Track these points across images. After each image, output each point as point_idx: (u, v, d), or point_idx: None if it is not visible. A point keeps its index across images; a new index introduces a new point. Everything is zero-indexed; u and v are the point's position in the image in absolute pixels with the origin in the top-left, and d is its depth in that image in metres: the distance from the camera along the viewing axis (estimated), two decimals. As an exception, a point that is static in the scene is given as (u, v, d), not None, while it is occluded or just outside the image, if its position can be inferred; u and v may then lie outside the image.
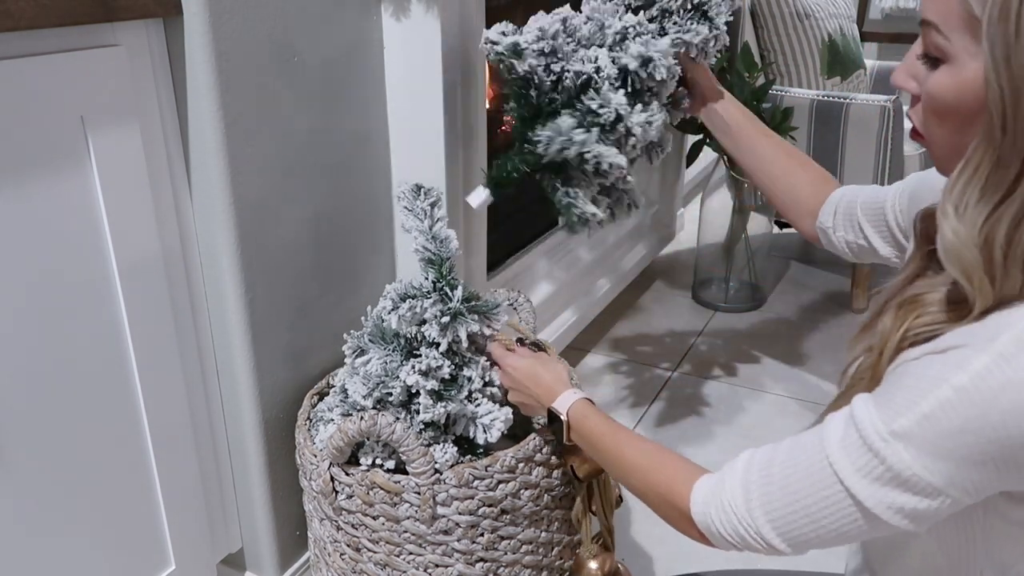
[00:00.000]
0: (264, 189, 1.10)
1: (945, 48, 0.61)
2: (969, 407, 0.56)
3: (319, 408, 1.13)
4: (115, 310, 1.00)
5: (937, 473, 0.59)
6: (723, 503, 0.72)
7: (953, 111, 0.62)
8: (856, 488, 0.62)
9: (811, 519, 0.66)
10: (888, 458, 0.60)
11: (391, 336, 1.03)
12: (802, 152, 1.12)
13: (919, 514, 0.61)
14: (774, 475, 0.68)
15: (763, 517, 0.69)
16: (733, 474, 0.73)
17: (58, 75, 0.88)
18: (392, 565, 1.05)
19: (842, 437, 0.64)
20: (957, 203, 0.60)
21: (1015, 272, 0.59)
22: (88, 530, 1.03)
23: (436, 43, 1.21)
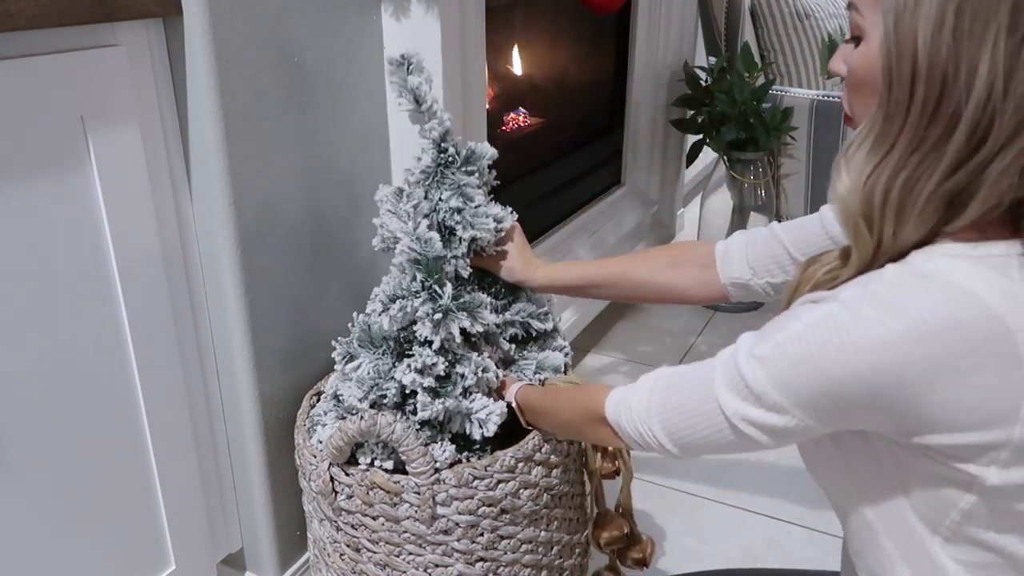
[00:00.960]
0: (264, 189, 1.10)
1: (861, 25, 0.69)
2: (809, 341, 0.65)
3: (315, 412, 1.12)
4: (115, 310, 1.00)
5: (783, 393, 0.67)
6: (629, 403, 0.82)
7: (865, 82, 0.69)
8: (723, 400, 0.71)
9: (690, 424, 0.75)
10: (746, 375, 0.69)
11: (380, 340, 1.03)
12: (636, 252, 1.17)
13: (768, 428, 0.69)
14: (673, 385, 0.78)
15: (657, 418, 0.78)
16: (644, 380, 0.82)
17: (58, 75, 0.88)
18: (392, 565, 1.05)
19: (724, 359, 0.74)
20: (848, 158, 0.68)
21: (889, 220, 0.65)
22: (88, 530, 1.03)
23: (436, 43, 1.21)
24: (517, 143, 1.89)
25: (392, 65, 1.06)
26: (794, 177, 2.33)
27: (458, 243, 1.05)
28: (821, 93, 2.23)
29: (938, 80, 0.61)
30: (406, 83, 1.05)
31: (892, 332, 0.61)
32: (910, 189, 0.64)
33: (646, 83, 2.33)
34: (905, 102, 0.63)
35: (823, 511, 1.52)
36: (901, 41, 0.62)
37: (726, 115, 2.14)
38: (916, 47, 0.61)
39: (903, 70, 0.63)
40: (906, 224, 0.65)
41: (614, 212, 2.32)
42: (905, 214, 0.65)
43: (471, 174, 1.07)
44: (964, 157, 0.62)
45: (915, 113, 0.63)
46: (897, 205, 0.65)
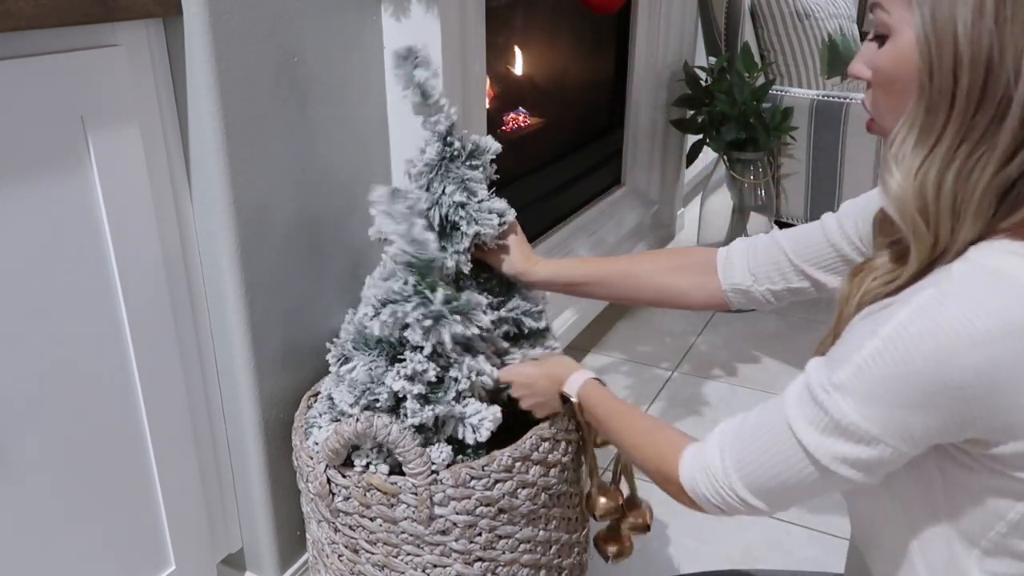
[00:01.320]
0: (264, 189, 1.10)
1: (888, 22, 0.67)
2: (894, 354, 0.62)
3: (310, 414, 1.12)
4: (115, 310, 1.00)
5: (873, 420, 0.63)
6: (704, 467, 0.78)
7: (894, 80, 0.68)
8: (806, 439, 0.68)
9: (774, 473, 0.71)
10: (830, 408, 0.65)
11: (374, 342, 1.02)
12: (637, 252, 1.15)
13: (862, 463, 0.66)
14: (744, 436, 0.75)
15: (736, 475, 0.74)
16: (711, 440, 0.78)
17: (58, 75, 0.88)
18: (390, 566, 1.05)
19: (797, 394, 0.70)
20: (896, 155, 0.66)
21: (946, 214, 0.64)
22: (88, 530, 1.03)
23: (436, 43, 1.21)
24: (517, 143, 1.89)
25: (398, 58, 1.02)
26: (794, 177, 2.33)
27: (461, 238, 1.04)
28: (821, 93, 2.23)
29: (982, 66, 0.61)
30: (413, 77, 1.02)
31: (980, 332, 0.59)
32: (965, 180, 0.63)
33: (646, 83, 2.33)
34: (949, 91, 0.62)
35: (823, 511, 1.52)
36: (940, 30, 0.62)
37: (726, 115, 2.14)
38: (956, 35, 0.61)
39: (944, 59, 0.62)
40: (964, 218, 0.64)
41: (614, 212, 2.32)
42: (962, 207, 0.64)
43: (475, 168, 1.05)
44: (1019, 143, 0.62)
45: (960, 102, 0.62)
46: (952, 198, 0.64)
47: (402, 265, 0.99)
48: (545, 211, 2.00)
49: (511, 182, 1.78)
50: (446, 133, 1.04)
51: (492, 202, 1.07)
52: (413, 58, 1.02)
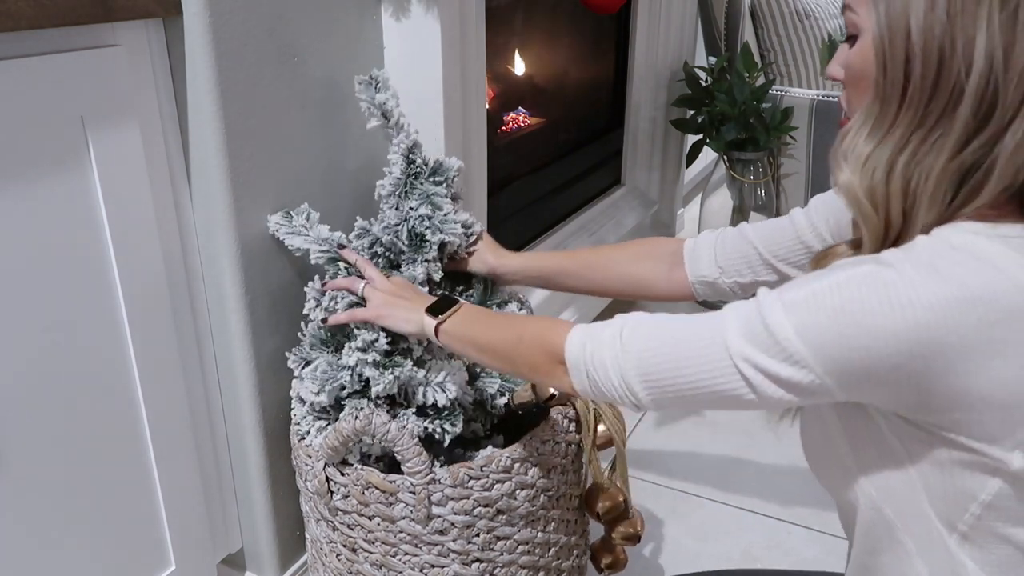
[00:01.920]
0: (264, 189, 1.10)
1: (856, 22, 0.70)
2: (852, 291, 0.62)
3: (294, 422, 1.13)
4: (115, 310, 1.00)
5: (809, 344, 0.63)
6: (599, 338, 0.76)
7: (862, 76, 0.69)
8: (733, 343, 0.67)
9: (678, 368, 0.70)
10: (770, 320, 0.65)
11: (329, 339, 1.06)
12: (608, 244, 1.16)
13: (780, 380, 0.65)
14: (662, 324, 0.74)
15: (634, 355, 0.73)
16: (622, 318, 0.77)
17: (58, 75, 0.89)
18: (388, 565, 1.05)
19: (738, 305, 0.70)
20: (846, 148, 0.68)
21: (897, 198, 0.65)
22: (88, 530, 1.03)
23: (436, 43, 1.21)
24: (517, 143, 1.89)
25: (360, 84, 1.10)
26: (794, 177, 2.33)
27: (428, 248, 1.08)
28: (821, 93, 2.23)
29: (934, 56, 0.62)
30: (374, 100, 1.09)
31: (935, 295, 0.60)
32: (917, 164, 0.65)
33: (646, 83, 2.33)
34: (900, 82, 0.64)
35: (823, 511, 1.52)
36: (893, 24, 0.64)
37: (726, 115, 2.14)
38: (908, 27, 0.63)
39: (896, 51, 0.64)
40: (919, 202, 0.65)
41: (614, 212, 2.32)
42: (915, 190, 0.65)
43: (439, 184, 1.11)
44: (972, 132, 0.63)
45: (914, 92, 0.64)
46: (903, 181, 0.65)
47: (327, 263, 1.07)
48: (545, 211, 2.00)
49: (511, 182, 1.78)
50: (408, 151, 1.10)
51: (457, 215, 1.11)
52: (375, 83, 1.10)
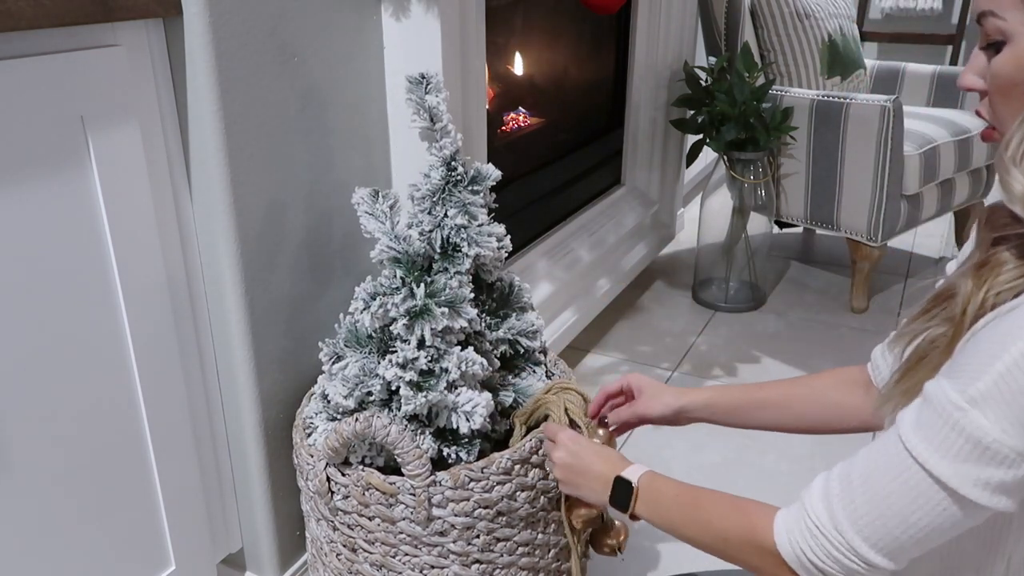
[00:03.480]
0: (264, 189, 1.10)
1: (1004, 28, 0.65)
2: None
3: (306, 414, 1.13)
4: (115, 310, 1.00)
5: (1019, 436, 0.57)
6: (807, 526, 0.68)
7: (1015, 84, 0.66)
8: (939, 470, 0.60)
9: (901, 519, 0.63)
10: (966, 427, 0.58)
11: (365, 339, 1.04)
12: (785, 379, 1.05)
13: (1007, 487, 0.59)
14: (854, 482, 0.66)
15: (851, 529, 0.65)
16: (811, 494, 0.69)
17: (58, 75, 0.88)
18: (388, 566, 1.05)
19: (916, 420, 0.62)
20: (1014, 155, 0.63)
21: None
22: (88, 530, 1.03)
23: (436, 43, 1.21)
24: (517, 143, 1.89)
25: (411, 83, 1.06)
26: (794, 177, 2.33)
27: (462, 259, 1.05)
28: (821, 93, 2.23)
29: None
30: (424, 101, 1.05)
31: None
32: None
33: (646, 83, 2.33)
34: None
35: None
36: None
37: (726, 115, 2.14)
38: None
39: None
40: None
41: (614, 212, 2.32)
42: None
43: (476, 193, 1.08)
44: None
45: None
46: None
47: (388, 261, 1.02)
48: (545, 211, 2.00)
49: (511, 182, 1.78)
50: (450, 158, 1.07)
51: (492, 227, 1.09)
52: (426, 83, 1.06)
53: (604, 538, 1.11)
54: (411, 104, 1.06)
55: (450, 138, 1.06)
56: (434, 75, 1.06)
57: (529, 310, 1.17)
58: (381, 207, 1.05)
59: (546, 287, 1.89)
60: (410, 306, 0.99)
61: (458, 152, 1.08)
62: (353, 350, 1.05)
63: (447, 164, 1.07)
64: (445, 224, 1.06)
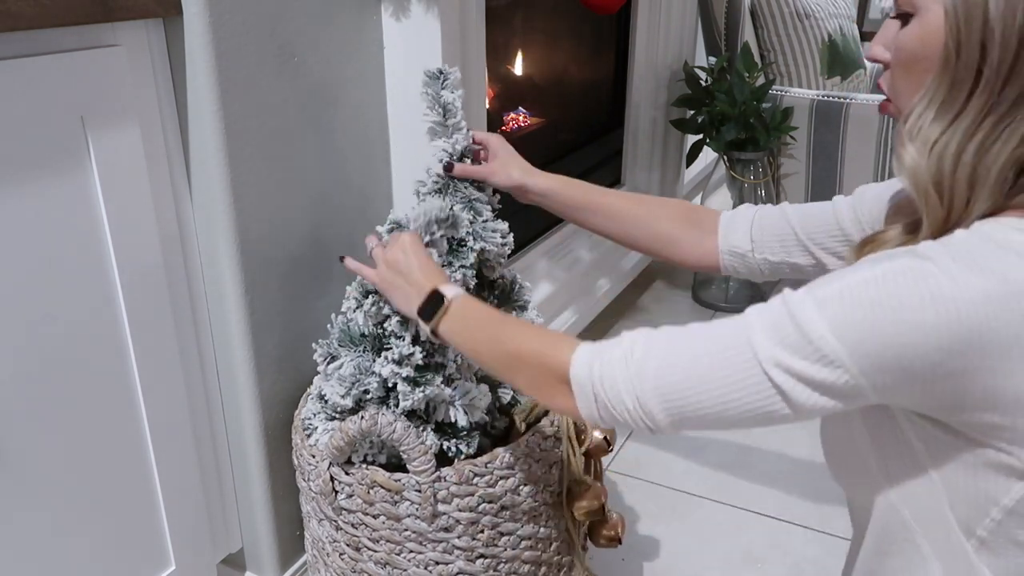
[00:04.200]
0: (264, 189, 1.10)
1: (915, 1, 0.67)
2: (891, 286, 0.60)
3: (304, 415, 1.13)
4: (115, 310, 1.00)
5: (844, 340, 0.61)
6: (613, 355, 0.70)
7: (918, 58, 0.67)
8: (761, 346, 0.64)
9: (701, 377, 0.66)
10: (800, 317, 0.62)
11: (359, 338, 1.05)
12: (645, 195, 1.11)
13: (814, 383, 0.63)
14: (678, 337, 0.69)
15: (653, 371, 0.68)
16: (633, 334, 0.72)
17: (58, 75, 0.89)
18: (393, 563, 1.05)
19: (765, 306, 0.66)
20: (912, 128, 0.66)
21: (962, 186, 0.64)
22: (88, 530, 1.03)
23: (436, 43, 1.21)
24: (517, 143, 1.88)
25: (428, 77, 1.06)
26: (794, 177, 2.33)
27: (467, 253, 1.05)
28: (821, 93, 2.23)
29: (1014, 41, 0.61)
30: (439, 97, 1.06)
31: (977, 290, 0.58)
32: (984, 152, 0.63)
33: (646, 83, 2.33)
34: (975, 66, 0.63)
35: (823, 511, 1.52)
36: (971, 5, 0.62)
37: (726, 115, 2.15)
38: (987, 9, 0.61)
39: (972, 34, 0.62)
40: (979, 191, 0.64)
41: (614, 212, 2.31)
42: (979, 181, 0.64)
43: (482, 190, 1.10)
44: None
45: (989, 76, 0.62)
46: (970, 171, 0.64)
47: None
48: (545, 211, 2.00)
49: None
50: (460, 154, 1.07)
51: (496, 223, 1.09)
52: (443, 79, 1.06)
53: (602, 530, 1.11)
54: (425, 98, 1.07)
55: (462, 134, 1.07)
56: (452, 71, 1.06)
57: (528, 308, 1.17)
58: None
59: (546, 287, 1.89)
60: None
61: (468, 148, 1.08)
62: (347, 349, 1.05)
63: (457, 159, 1.08)
64: None
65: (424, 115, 1.07)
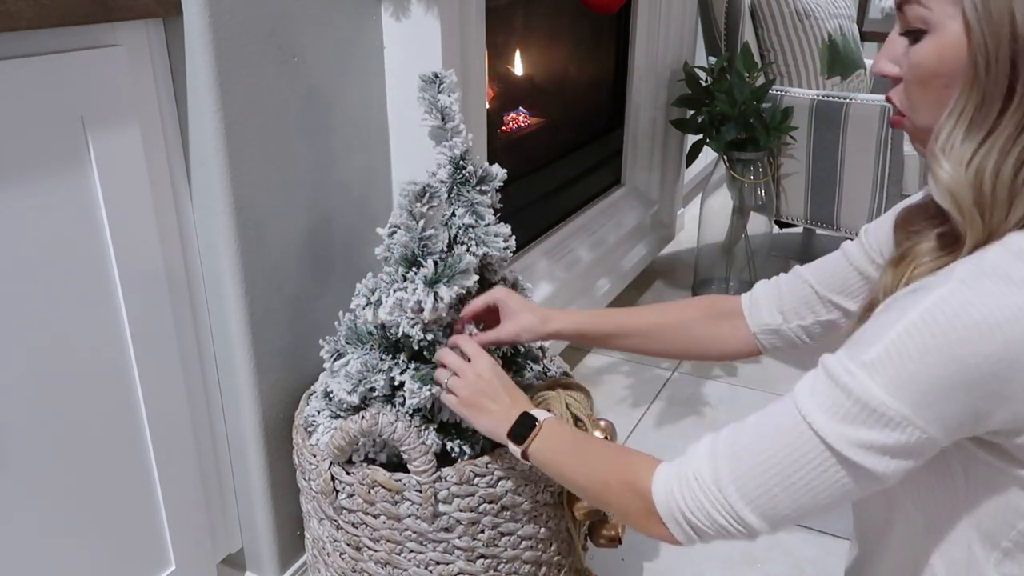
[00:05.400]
0: (264, 189, 1.10)
1: (927, 18, 0.66)
2: (933, 327, 0.59)
3: (308, 412, 1.13)
4: (115, 310, 1.00)
5: (905, 399, 0.60)
6: (687, 477, 0.70)
7: (936, 75, 0.66)
8: (824, 429, 0.62)
9: (782, 477, 0.65)
10: (854, 389, 0.61)
11: (366, 336, 1.04)
12: (656, 305, 1.08)
13: (890, 450, 0.61)
14: (742, 439, 0.68)
15: (731, 485, 0.67)
16: (698, 448, 0.71)
17: (58, 75, 0.89)
18: (393, 563, 1.05)
19: (811, 384, 0.65)
20: (944, 146, 0.65)
21: (1002, 203, 0.63)
22: (88, 530, 1.03)
23: (436, 43, 1.21)
24: (517, 143, 1.89)
25: (424, 81, 1.06)
26: (794, 177, 2.33)
27: (466, 273, 1.05)
28: (821, 93, 2.23)
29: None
30: (436, 101, 1.05)
31: (1018, 308, 0.58)
32: (1019, 169, 0.62)
33: (646, 83, 2.33)
34: (1005, 83, 0.61)
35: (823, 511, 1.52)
36: (996, 22, 0.61)
37: (726, 115, 2.14)
38: (1015, 25, 0.60)
39: (1001, 49, 0.61)
40: (1018, 205, 0.63)
41: (614, 212, 2.32)
42: (1018, 195, 0.63)
43: (484, 193, 1.08)
44: None
45: (1021, 93, 0.61)
46: (1009, 187, 0.63)
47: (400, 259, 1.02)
48: (545, 211, 2.00)
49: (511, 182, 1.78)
50: (460, 157, 1.06)
51: (498, 227, 1.09)
52: (439, 82, 1.05)
53: (602, 530, 1.11)
54: (422, 102, 1.05)
55: (461, 137, 1.06)
56: (448, 74, 1.05)
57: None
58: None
59: (546, 287, 1.89)
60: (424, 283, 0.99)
61: (468, 151, 1.07)
62: (354, 347, 1.05)
63: (456, 163, 1.06)
64: (452, 223, 1.06)
65: (422, 120, 1.07)
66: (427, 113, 1.06)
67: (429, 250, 1.01)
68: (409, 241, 1.01)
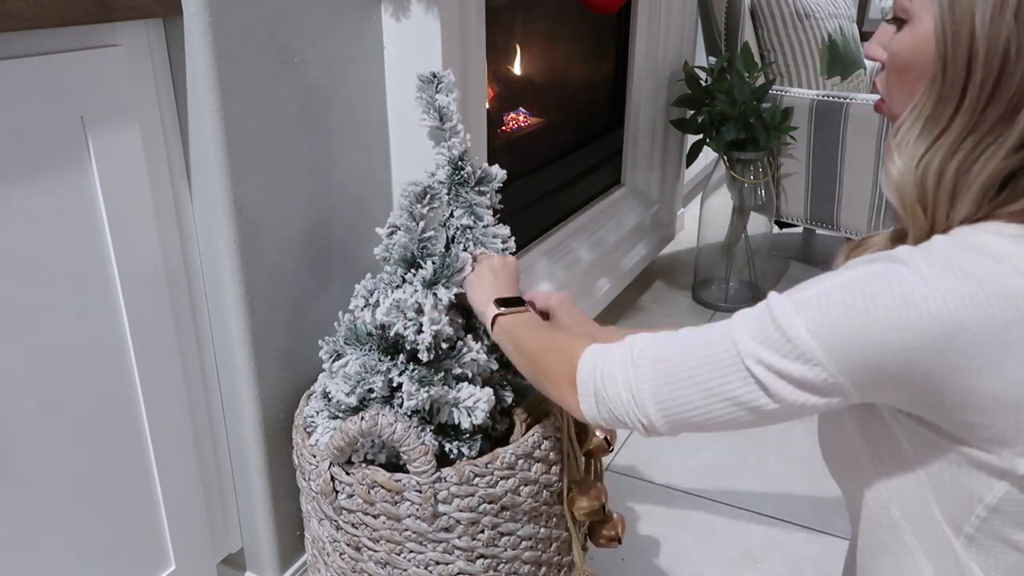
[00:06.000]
0: (264, 189, 1.10)
1: (907, 8, 0.67)
2: (865, 288, 0.62)
3: (307, 413, 1.13)
4: (115, 310, 1.00)
5: (822, 341, 0.63)
6: (613, 352, 0.74)
7: (910, 66, 0.68)
8: (742, 343, 0.66)
9: (690, 374, 0.69)
10: (781, 319, 0.65)
11: (365, 337, 1.05)
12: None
13: (793, 380, 0.65)
14: (679, 339, 0.72)
15: (648, 373, 0.71)
16: (635, 336, 0.75)
17: (58, 75, 0.89)
18: (393, 563, 1.05)
19: (749, 310, 0.69)
20: (900, 142, 0.67)
21: (943, 201, 0.65)
22: (88, 530, 1.03)
23: (436, 43, 1.21)
24: (517, 143, 1.89)
25: (422, 81, 1.06)
26: (794, 177, 2.33)
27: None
28: (821, 93, 2.23)
29: (998, 61, 0.61)
30: (434, 101, 1.05)
31: (951, 291, 0.59)
32: (966, 171, 0.64)
33: (646, 83, 2.33)
34: (960, 84, 0.63)
35: (823, 511, 1.52)
36: (958, 23, 0.62)
37: (726, 115, 2.14)
38: (974, 29, 0.61)
39: (959, 52, 0.63)
40: (959, 205, 0.65)
41: (614, 212, 2.32)
42: (959, 195, 0.65)
43: (483, 194, 1.09)
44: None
45: (972, 95, 0.63)
46: (952, 187, 0.65)
47: (401, 260, 1.03)
48: (545, 211, 2.00)
49: (511, 182, 1.78)
50: (458, 158, 1.06)
51: (497, 228, 1.09)
52: (436, 82, 1.06)
53: (602, 530, 1.11)
54: (420, 102, 1.06)
55: (459, 138, 1.06)
56: (446, 74, 1.06)
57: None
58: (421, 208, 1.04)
59: (546, 287, 1.89)
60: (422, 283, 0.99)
61: (467, 152, 1.07)
62: (353, 348, 1.05)
63: (454, 164, 1.06)
64: (451, 224, 1.06)
65: (421, 120, 1.07)
66: (425, 113, 1.06)
67: (428, 251, 1.01)
68: (409, 242, 1.01)
